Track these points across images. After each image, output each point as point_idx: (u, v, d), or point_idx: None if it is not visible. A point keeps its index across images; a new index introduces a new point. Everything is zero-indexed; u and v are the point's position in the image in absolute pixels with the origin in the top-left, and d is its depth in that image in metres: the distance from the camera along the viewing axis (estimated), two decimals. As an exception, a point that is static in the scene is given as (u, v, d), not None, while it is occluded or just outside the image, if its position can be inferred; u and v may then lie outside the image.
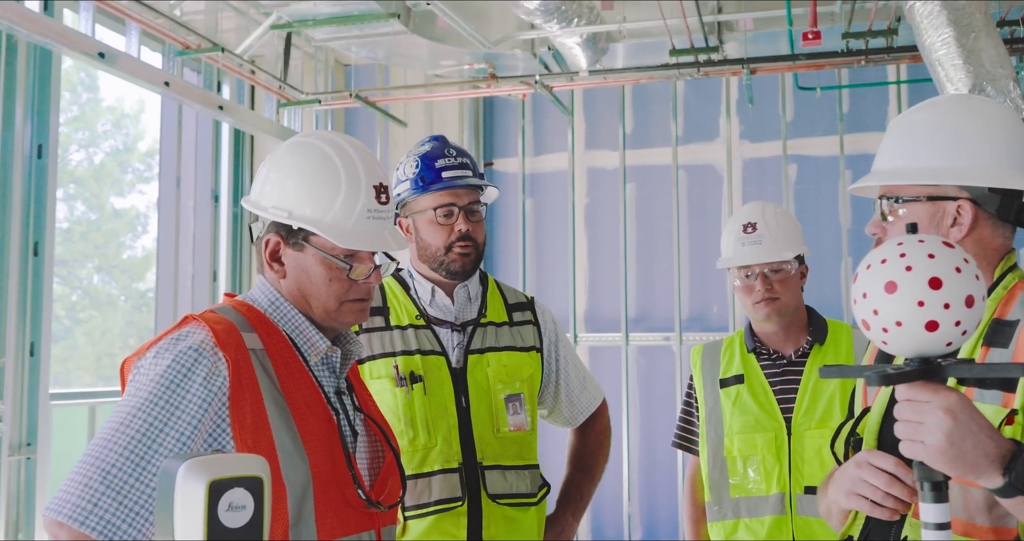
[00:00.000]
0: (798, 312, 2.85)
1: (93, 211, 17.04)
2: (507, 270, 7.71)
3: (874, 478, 1.51)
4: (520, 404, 2.51)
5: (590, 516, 7.40)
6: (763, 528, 2.75)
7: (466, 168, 2.53)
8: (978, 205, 1.63)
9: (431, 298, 2.54)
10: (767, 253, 2.80)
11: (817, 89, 6.97)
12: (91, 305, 16.78)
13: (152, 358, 1.62)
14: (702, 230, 7.34)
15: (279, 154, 1.82)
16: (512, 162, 7.78)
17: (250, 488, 1.04)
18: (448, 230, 2.48)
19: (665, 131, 7.45)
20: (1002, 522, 1.48)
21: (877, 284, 1.31)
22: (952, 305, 1.26)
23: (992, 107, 1.69)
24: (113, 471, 1.49)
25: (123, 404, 1.58)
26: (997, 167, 1.62)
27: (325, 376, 1.80)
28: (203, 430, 1.57)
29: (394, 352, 2.45)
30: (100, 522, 1.46)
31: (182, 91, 5.39)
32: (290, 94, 6.63)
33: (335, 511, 1.68)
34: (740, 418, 2.81)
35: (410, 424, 2.38)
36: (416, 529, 2.36)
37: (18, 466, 4.86)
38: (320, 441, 1.69)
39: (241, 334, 1.68)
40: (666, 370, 7.30)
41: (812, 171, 7.09)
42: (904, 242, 1.31)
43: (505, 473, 2.45)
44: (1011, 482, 1.30)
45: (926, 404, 1.30)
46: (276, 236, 1.78)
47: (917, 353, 1.32)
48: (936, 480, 1.31)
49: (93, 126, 17.28)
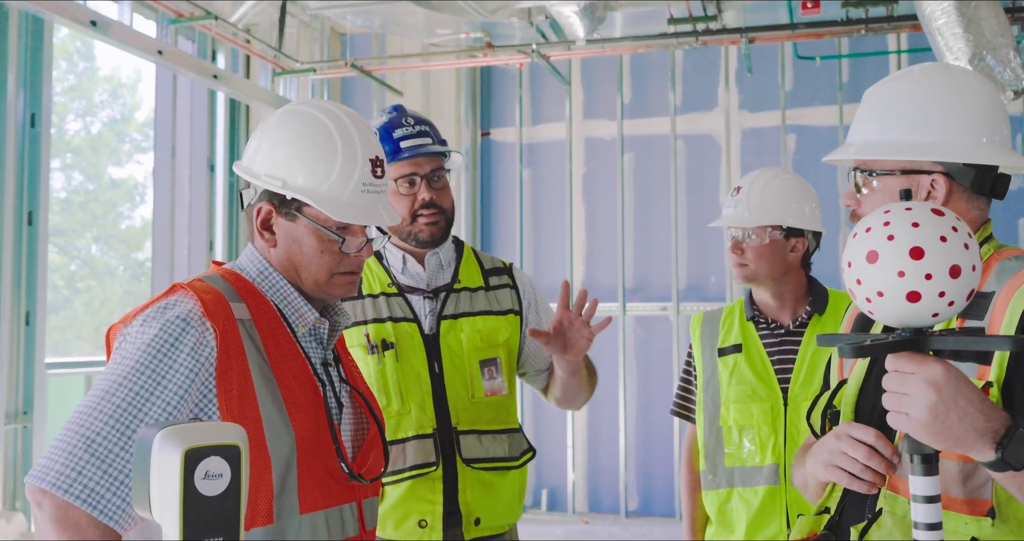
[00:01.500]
0: (787, 283, 2.83)
1: (91, 181, 17.01)
2: (504, 240, 7.70)
3: (853, 450, 1.51)
4: (496, 369, 2.50)
5: (586, 484, 7.44)
6: (756, 497, 2.75)
7: (425, 135, 2.51)
8: (952, 178, 1.61)
9: (403, 266, 2.53)
10: (735, 218, 2.79)
11: (816, 58, 6.92)
12: (90, 275, 16.79)
13: (139, 326, 1.60)
14: (700, 200, 7.32)
15: (273, 121, 1.79)
16: (509, 132, 7.75)
17: (227, 457, 1.02)
18: (411, 199, 2.48)
19: (663, 101, 7.41)
20: (977, 494, 1.46)
21: (860, 253, 1.29)
22: (935, 275, 1.23)
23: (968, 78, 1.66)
24: (98, 439, 1.48)
25: (109, 372, 1.56)
26: (972, 142, 1.60)
27: (312, 347, 1.78)
28: (189, 400, 1.56)
29: (365, 320, 2.45)
30: (84, 490, 1.45)
31: (176, 60, 5.35)
32: (285, 63, 6.59)
33: (317, 483, 1.67)
34: (737, 387, 2.80)
35: (383, 391, 2.39)
36: (393, 495, 2.37)
37: (14, 435, 4.89)
38: (306, 413, 1.68)
39: (229, 304, 1.66)
40: (663, 340, 7.31)
41: (811, 141, 7.06)
42: (891, 210, 1.29)
43: (481, 437, 2.45)
44: (1003, 457, 1.28)
45: (911, 376, 1.28)
46: (268, 205, 1.76)
47: (902, 323, 1.29)
48: (926, 453, 1.30)
49: (90, 95, 17.21)
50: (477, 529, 2.42)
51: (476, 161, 7.74)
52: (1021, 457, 1.28)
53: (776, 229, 2.77)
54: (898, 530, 1.53)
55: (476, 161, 7.74)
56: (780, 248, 2.77)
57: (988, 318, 1.50)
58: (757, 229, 2.76)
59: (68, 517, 1.46)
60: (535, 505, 7.52)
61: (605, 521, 7.21)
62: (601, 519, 7.25)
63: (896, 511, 1.54)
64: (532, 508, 7.51)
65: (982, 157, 1.59)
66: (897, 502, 1.54)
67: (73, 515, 1.46)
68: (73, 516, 1.46)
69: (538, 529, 6.98)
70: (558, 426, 7.46)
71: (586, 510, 7.42)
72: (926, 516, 1.29)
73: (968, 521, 1.46)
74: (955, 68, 1.70)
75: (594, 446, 7.45)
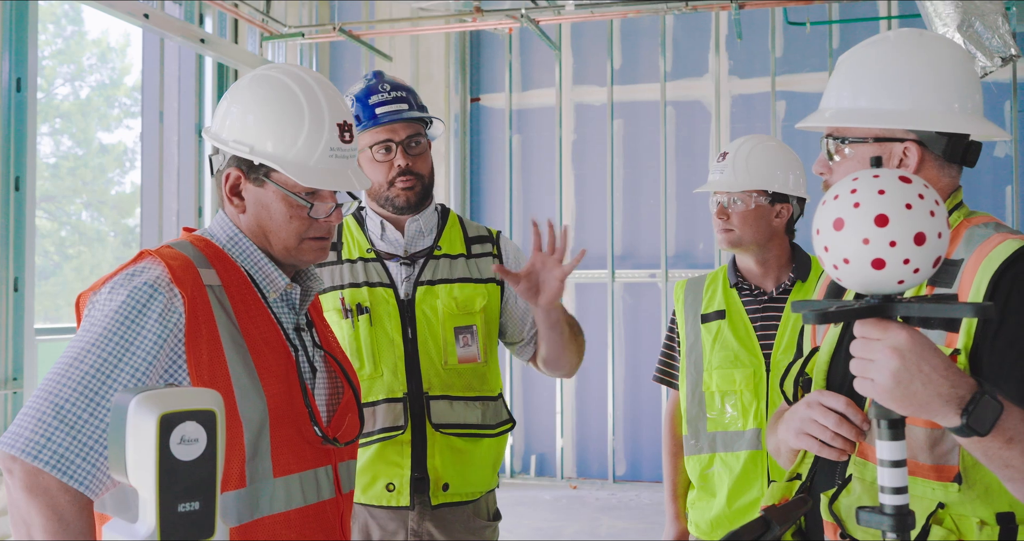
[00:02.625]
0: (771, 249, 2.84)
1: (80, 146, 16.92)
2: (493, 206, 7.70)
3: (824, 418, 1.52)
4: (472, 336, 2.51)
5: (574, 450, 7.50)
6: (738, 462, 2.77)
7: (402, 101, 2.52)
8: (924, 147, 1.62)
9: (381, 232, 2.55)
10: (722, 182, 2.80)
11: (807, 24, 6.89)
12: (80, 241, 16.76)
13: (107, 294, 1.60)
14: (689, 167, 7.32)
15: (241, 87, 1.78)
16: (499, 97, 7.72)
17: (202, 421, 1.03)
18: (387, 166, 2.49)
19: (653, 67, 7.38)
20: (944, 460, 1.48)
21: (827, 220, 1.29)
22: (899, 243, 1.23)
23: (941, 45, 1.66)
24: (67, 406, 1.48)
25: (77, 339, 1.57)
26: (945, 110, 1.60)
27: (284, 312, 1.79)
28: (158, 366, 1.56)
29: (342, 285, 2.47)
30: (54, 457, 1.46)
31: (162, 24, 5.31)
32: (273, 27, 6.54)
33: (291, 447, 1.68)
34: (720, 354, 2.82)
35: (355, 355, 2.42)
36: (361, 458, 2.38)
37: (4, 400, 4.90)
38: (277, 378, 1.68)
39: (198, 270, 1.66)
40: (651, 307, 7.33)
41: (801, 108, 7.05)
42: (859, 177, 1.29)
43: (453, 403, 2.46)
44: (968, 423, 1.29)
45: (876, 342, 1.29)
46: (237, 170, 1.75)
47: (868, 290, 1.30)
48: (892, 418, 1.30)
49: (78, 60, 17.07)
50: (445, 495, 2.43)
51: (465, 127, 7.72)
52: (986, 423, 1.29)
53: (761, 195, 2.78)
54: (867, 495, 1.55)
55: (465, 127, 7.72)
56: (765, 214, 2.78)
57: (957, 285, 1.51)
58: (742, 194, 2.77)
59: (38, 483, 1.47)
60: (524, 470, 7.59)
61: (593, 486, 7.28)
62: (589, 484, 7.32)
63: (865, 477, 1.56)
64: (521, 473, 7.57)
65: (954, 125, 1.59)
66: (866, 468, 1.56)
67: (43, 481, 1.47)
68: (43, 482, 1.47)
69: (526, 494, 7.05)
70: (547, 393, 7.50)
71: (574, 475, 7.48)
72: (892, 480, 1.29)
73: (935, 487, 1.48)
74: (929, 34, 1.69)
75: (582, 412, 7.50)
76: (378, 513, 2.41)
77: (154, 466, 1.00)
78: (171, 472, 1.01)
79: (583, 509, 6.70)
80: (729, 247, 2.82)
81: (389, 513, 2.41)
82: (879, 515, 1.29)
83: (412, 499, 2.40)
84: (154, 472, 1.00)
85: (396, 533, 2.41)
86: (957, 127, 1.60)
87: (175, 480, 1.01)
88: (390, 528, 2.41)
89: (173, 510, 1.02)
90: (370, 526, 2.42)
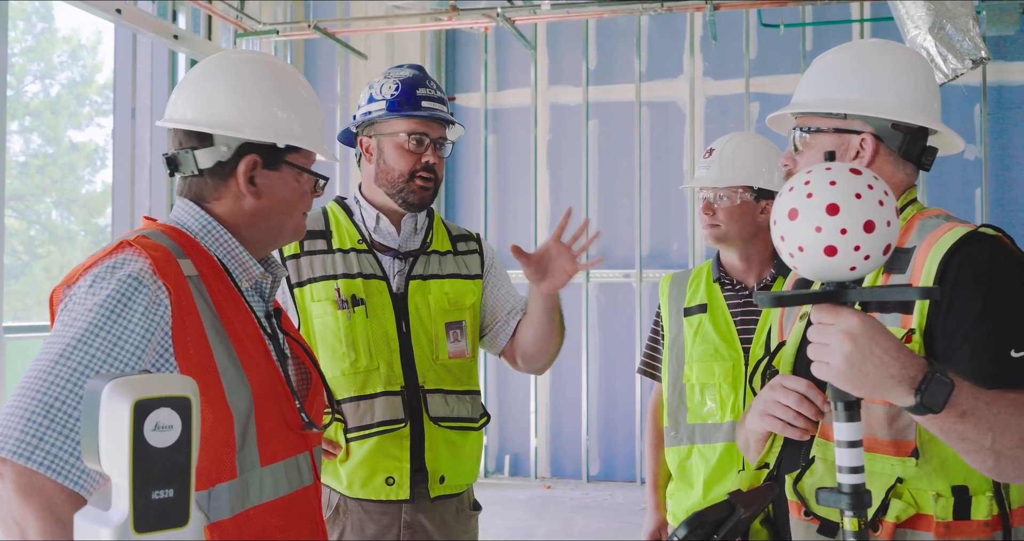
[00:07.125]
0: (755, 244, 2.87)
1: (50, 144, 16.76)
2: (468, 206, 7.69)
3: (785, 398, 1.62)
4: (461, 332, 2.53)
5: (548, 450, 7.49)
6: (715, 454, 2.80)
7: (443, 104, 2.56)
8: (881, 140, 1.71)
9: (376, 224, 2.54)
10: (708, 178, 2.84)
11: (781, 26, 6.94)
12: (50, 240, 16.59)
13: (88, 287, 1.54)
14: (664, 167, 7.34)
15: (226, 71, 1.75)
16: (474, 97, 7.71)
17: (177, 408, 1.02)
18: (415, 158, 2.49)
19: (629, 67, 7.41)
20: (902, 436, 1.56)
21: (783, 211, 1.35)
22: (849, 230, 1.29)
23: (908, 54, 1.78)
24: (56, 404, 1.43)
25: (60, 335, 1.51)
26: (900, 104, 1.69)
27: (255, 301, 1.77)
28: (146, 360, 1.52)
29: (335, 275, 2.45)
30: (47, 457, 1.40)
31: (135, 19, 5.27)
32: (247, 24, 6.50)
33: (275, 435, 1.67)
34: (700, 347, 2.85)
35: (352, 346, 2.40)
36: (359, 452, 2.38)
37: (-28, 399, 4.84)
38: (258, 366, 1.67)
39: (177, 261, 1.62)
40: (626, 307, 7.35)
41: (774, 109, 7.00)
42: (813, 170, 1.35)
43: (447, 397, 2.47)
44: (922, 401, 1.35)
45: (830, 327, 1.35)
46: (253, 158, 1.72)
47: (822, 277, 1.36)
48: (848, 400, 1.36)
49: (48, 57, 16.91)
50: (442, 487, 2.45)
51: (441, 126, 7.69)
52: (939, 401, 1.36)
53: (747, 190, 2.81)
54: (829, 476, 1.64)
55: (441, 126, 7.69)
56: (750, 209, 2.82)
57: (910, 272, 1.60)
58: (728, 190, 2.81)
59: (32, 484, 1.41)
60: (498, 470, 7.57)
61: (567, 486, 7.28)
62: (563, 484, 7.32)
63: (828, 458, 1.64)
64: (495, 473, 7.56)
65: (907, 116, 1.69)
66: (828, 449, 1.64)
67: (38, 482, 1.41)
68: (38, 483, 1.41)
69: (500, 494, 7.04)
70: (521, 392, 7.50)
71: (548, 475, 7.48)
72: (849, 460, 1.35)
73: (894, 462, 1.56)
74: (897, 45, 1.82)
75: (556, 412, 7.50)
76: (371, 507, 2.41)
77: (128, 453, 0.99)
78: (145, 458, 0.99)
79: (557, 509, 6.70)
80: (715, 242, 2.85)
81: (382, 506, 2.41)
82: (837, 494, 1.36)
83: (412, 492, 2.40)
84: (128, 458, 0.99)
85: (390, 526, 2.41)
86: (911, 118, 1.70)
87: (149, 467, 1.00)
88: (384, 522, 2.41)
89: (147, 497, 1.00)
90: (363, 520, 2.41)
